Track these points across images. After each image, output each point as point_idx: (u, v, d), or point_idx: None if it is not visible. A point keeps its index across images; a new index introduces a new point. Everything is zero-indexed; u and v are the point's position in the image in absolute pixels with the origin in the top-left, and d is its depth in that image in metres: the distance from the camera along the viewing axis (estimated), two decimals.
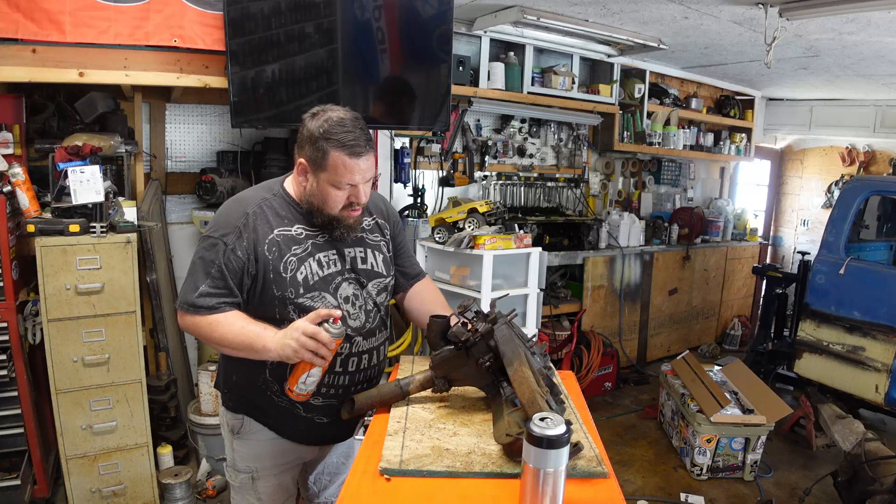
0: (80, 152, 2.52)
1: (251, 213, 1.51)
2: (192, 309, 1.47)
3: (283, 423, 1.64)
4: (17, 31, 2.32)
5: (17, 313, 2.47)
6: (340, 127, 1.45)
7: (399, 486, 1.15)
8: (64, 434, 2.53)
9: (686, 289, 5.52)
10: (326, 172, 1.47)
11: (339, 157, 1.44)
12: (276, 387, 1.58)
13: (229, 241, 1.47)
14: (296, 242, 1.53)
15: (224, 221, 1.51)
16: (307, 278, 1.52)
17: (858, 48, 3.71)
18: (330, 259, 1.57)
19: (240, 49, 2.59)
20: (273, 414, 1.63)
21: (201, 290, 1.45)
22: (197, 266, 1.49)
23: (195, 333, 1.52)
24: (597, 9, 3.35)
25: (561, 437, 0.98)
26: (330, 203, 1.51)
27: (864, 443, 2.91)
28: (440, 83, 3.08)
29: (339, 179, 1.46)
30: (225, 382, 1.69)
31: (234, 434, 1.67)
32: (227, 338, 1.44)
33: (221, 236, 1.48)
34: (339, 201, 1.50)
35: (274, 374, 1.57)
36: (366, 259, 1.65)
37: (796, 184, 6.56)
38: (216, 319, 1.45)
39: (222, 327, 1.45)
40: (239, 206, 1.53)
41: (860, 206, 4.07)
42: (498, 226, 3.61)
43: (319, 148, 1.45)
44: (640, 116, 4.87)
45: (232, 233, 1.48)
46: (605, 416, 4.22)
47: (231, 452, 1.71)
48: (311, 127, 1.47)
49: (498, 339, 1.34)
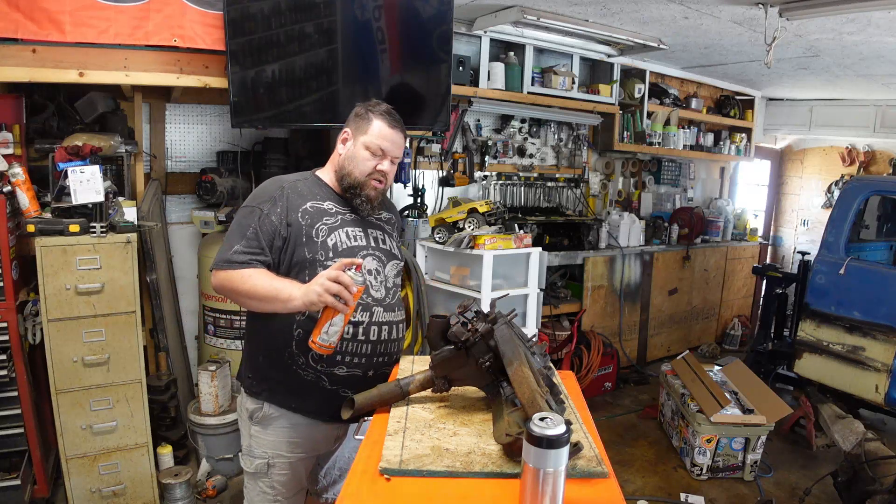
0: (80, 152, 2.52)
1: (286, 187, 1.70)
2: (226, 265, 1.59)
3: (307, 398, 1.70)
4: (17, 31, 2.32)
5: (17, 313, 2.47)
6: (386, 107, 1.76)
7: (399, 486, 1.15)
8: (64, 434, 2.53)
9: (686, 289, 5.52)
10: (366, 135, 1.71)
11: (379, 124, 1.71)
12: (302, 359, 1.67)
13: (265, 208, 1.65)
14: (327, 214, 1.71)
15: (261, 193, 1.71)
16: (336, 245, 1.68)
17: (858, 48, 3.71)
18: (357, 234, 1.74)
19: (240, 49, 2.59)
20: (298, 390, 1.69)
21: (236, 248, 1.60)
22: (233, 230, 1.65)
23: (227, 287, 1.61)
24: (597, 9, 3.35)
25: (561, 437, 0.98)
26: (360, 166, 1.70)
27: (864, 443, 2.92)
28: (440, 83, 3.08)
29: (374, 141, 1.70)
30: (249, 367, 1.77)
31: (253, 420, 1.73)
32: (257, 288, 1.55)
33: (258, 204, 1.66)
34: (368, 165, 1.71)
35: (299, 346, 1.65)
36: (385, 241, 1.82)
37: (796, 184, 6.56)
38: (248, 272, 1.58)
39: (252, 279, 1.57)
40: (276, 182, 1.73)
41: (860, 206, 4.07)
42: (498, 226, 3.61)
43: (365, 116, 1.72)
44: (640, 116, 4.87)
45: (268, 201, 1.66)
46: (605, 416, 4.22)
47: (248, 439, 1.76)
48: (362, 107, 1.75)
49: (498, 339, 1.34)
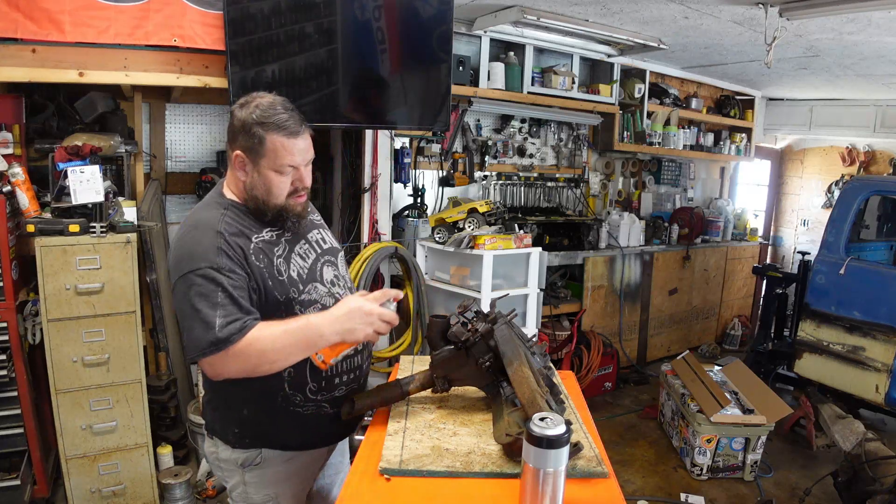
0: (80, 152, 2.52)
1: (223, 231, 1.39)
2: (222, 345, 1.28)
3: (310, 432, 1.56)
4: (17, 31, 2.32)
5: (16, 313, 2.47)
6: (272, 110, 1.41)
7: (399, 486, 1.15)
8: (64, 434, 2.53)
9: (686, 289, 5.52)
10: (266, 158, 1.41)
11: (276, 140, 1.40)
12: (299, 397, 1.50)
13: (223, 264, 1.34)
14: (274, 244, 1.48)
15: (201, 250, 1.36)
16: (300, 274, 1.50)
17: (858, 48, 3.71)
18: (304, 249, 1.55)
19: (240, 49, 2.58)
20: (299, 429, 1.53)
21: (219, 323, 1.29)
22: (197, 306, 1.30)
23: (237, 366, 1.32)
24: (597, 9, 3.35)
25: (561, 437, 0.98)
26: (275, 191, 1.44)
27: (864, 443, 2.91)
28: (440, 83, 3.08)
29: (281, 163, 1.42)
30: (234, 421, 1.52)
31: (246, 468, 1.53)
32: (276, 345, 1.32)
33: (209, 264, 1.33)
34: (283, 188, 1.45)
35: (293, 384, 1.49)
36: (325, 240, 1.65)
37: (796, 184, 6.56)
38: (252, 336, 1.31)
39: (264, 340, 1.32)
40: (206, 230, 1.39)
41: (860, 206, 4.07)
42: (498, 226, 3.61)
43: (254, 135, 1.40)
44: (640, 116, 4.86)
45: (217, 255, 1.35)
46: (605, 416, 4.22)
47: (241, 486, 1.55)
48: (242, 116, 1.41)
49: (498, 339, 1.34)
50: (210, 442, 1.59)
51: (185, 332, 1.34)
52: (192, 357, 1.32)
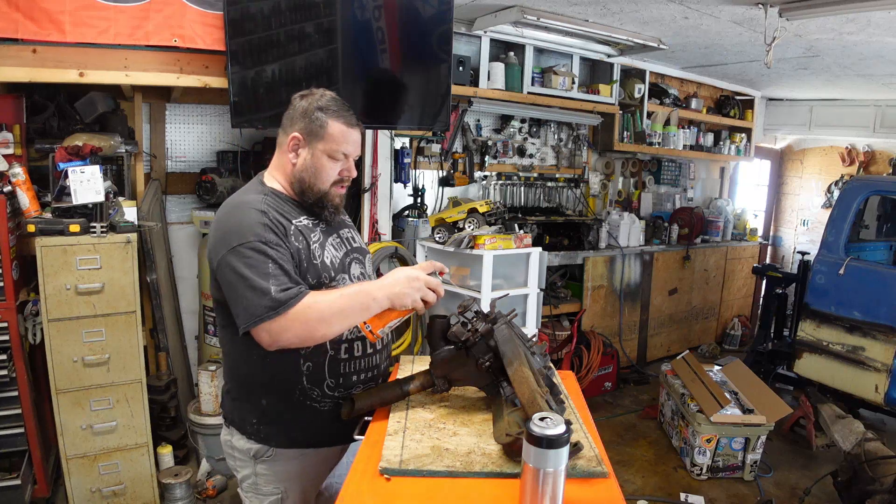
0: (80, 152, 2.52)
1: (265, 211, 1.43)
2: (281, 308, 1.31)
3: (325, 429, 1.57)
4: (17, 31, 2.32)
5: (17, 313, 2.47)
6: (335, 101, 1.52)
7: (399, 486, 1.15)
8: (64, 434, 2.54)
9: (686, 289, 5.52)
10: (324, 142, 1.49)
11: (336, 126, 1.49)
12: (317, 391, 1.53)
13: (269, 238, 1.38)
14: (310, 231, 1.53)
15: (246, 226, 1.39)
16: (332, 261, 1.55)
17: (858, 48, 3.71)
18: (336, 242, 1.61)
19: (240, 49, 2.59)
20: (315, 425, 1.55)
21: (274, 289, 1.32)
22: (248, 277, 1.33)
23: (300, 331, 1.34)
24: (597, 9, 3.35)
25: (561, 437, 0.98)
26: (323, 176, 1.51)
27: (864, 443, 2.92)
28: (440, 83, 3.08)
29: (337, 148, 1.50)
30: (252, 412, 1.55)
31: (258, 459, 1.56)
32: (333, 307, 1.35)
33: (257, 238, 1.36)
34: (332, 174, 1.52)
35: (311, 379, 1.52)
36: (355, 239, 1.71)
37: (796, 184, 6.56)
38: (309, 300, 1.34)
39: (321, 303, 1.35)
40: (248, 209, 1.43)
41: (860, 206, 4.07)
42: (498, 226, 3.61)
43: (317, 119, 1.48)
44: (640, 116, 4.87)
45: (264, 230, 1.39)
46: (605, 416, 4.22)
47: (252, 477, 1.58)
48: (304, 103, 1.50)
49: (498, 339, 1.34)
50: (226, 431, 1.62)
51: (239, 303, 1.35)
52: (248, 324, 1.33)
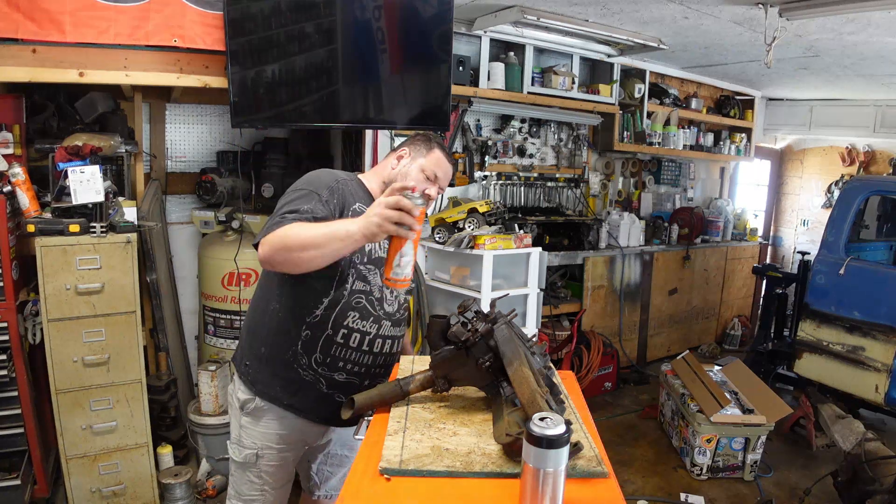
0: (80, 152, 2.52)
1: (341, 181, 1.67)
2: (275, 226, 1.47)
3: (301, 397, 1.68)
4: (18, 31, 2.32)
5: (17, 313, 2.47)
6: (442, 142, 1.89)
7: (399, 486, 1.15)
8: (64, 434, 2.53)
9: (686, 289, 5.52)
10: (425, 160, 1.78)
11: (440, 154, 1.80)
12: (305, 360, 1.65)
13: (323, 194, 1.59)
14: None
15: (316, 180, 1.64)
16: (372, 250, 1.68)
17: (858, 48, 3.71)
18: (383, 245, 1.69)
19: (240, 49, 2.59)
20: (294, 387, 1.67)
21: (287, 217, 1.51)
22: (283, 206, 1.55)
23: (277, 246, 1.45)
24: (597, 9, 3.35)
25: (561, 437, 0.98)
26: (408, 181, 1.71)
27: (864, 443, 2.92)
28: (440, 83, 3.08)
29: (432, 168, 1.77)
30: (249, 354, 1.73)
31: (244, 411, 1.71)
32: (311, 232, 1.43)
33: (314, 189, 1.59)
34: (420, 186, 1.72)
35: (305, 346, 1.64)
36: None
37: (796, 184, 6.56)
38: (297, 225, 1.47)
39: (304, 227, 1.46)
40: (330, 174, 1.70)
41: (860, 206, 4.08)
42: (498, 226, 3.61)
43: (426, 143, 1.80)
44: (640, 116, 4.87)
45: (325, 189, 1.61)
46: (605, 416, 4.22)
47: (237, 429, 1.75)
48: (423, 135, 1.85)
49: (498, 339, 1.34)
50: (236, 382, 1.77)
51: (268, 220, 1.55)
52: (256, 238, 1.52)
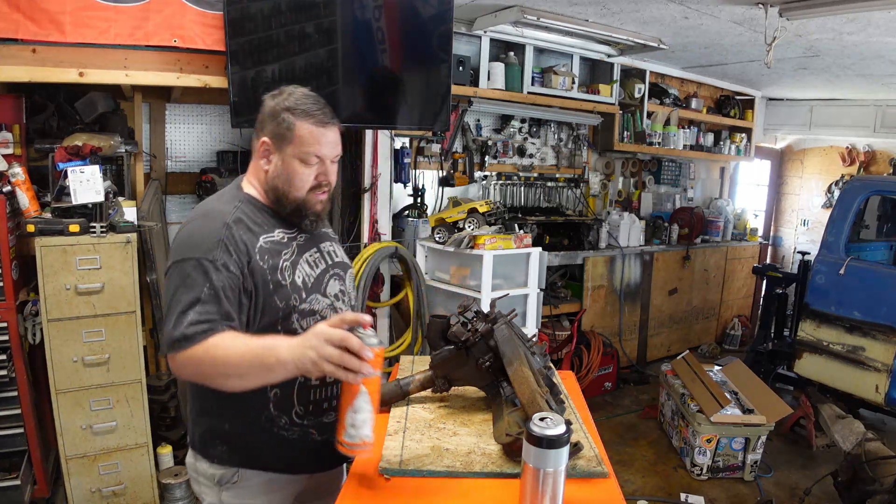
0: (80, 152, 2.52)
1: (231, 224, 1.34)
2: (184, 343, 1.20)
3: (293, 457, 1.46)
4: (18, 31, 2.32)
5: (17, 313, 2.47)
6: (304, 99, 1.39)
7: (399, 486, 1.15)
8: (64, 434, 2.53)
9: (686, 289, 5.52)
10: (293, 145, 1.38)
11: (305, 127, 1.37)
12: (284, 419, 1.41)
13: (218, 258, 1.28)
14: (283, 246, 1.41)
15: (201, 238, 1.31)
16: (305, 281, 1.43)
17: (858, 48, 3.71)
18: (315, 258, 1.49)
19: (240, 49, 2.59)
20: (280, 453, 1.44)
21: (190, 319, 1.22)
22: (178, 297, 1.25)
23: (191, 371, 1.25)
24: (597, 9, 3.35)
25: (561, 437, 0.98)
26: (297, 182, 1.40)
27: (864, 443, 2.92)
28: (440, 83, 3.08)
29: (307, 150, 1.38)
30: (213, 436, 1.44)
31: (223, 486, 1.43)
32: (231, 359, 1.19)
33: (204, 255, 1.28)
34: (306, 179, 1.40)
35: (279, 406, 1.40)
36: (336, 253, 1.59)
37: (796, 184, 6.56)
38: (213, 342, 1.21)
39: (221, 349, 1.20)
40: (215, 219, 1.35)
41: (860, 206, 4.07)
42: (498, 226, 3.61)
43: (284, 120, 1.37)
44: (640, 116, 4.87)
45: (216, 248, 1.29)
46: (605, 416, 4.22)
47: None
48: (272, 103, 1.40)
49: (498, 339, 1.34)
50: (191, 454, 1.50)
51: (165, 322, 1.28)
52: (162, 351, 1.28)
